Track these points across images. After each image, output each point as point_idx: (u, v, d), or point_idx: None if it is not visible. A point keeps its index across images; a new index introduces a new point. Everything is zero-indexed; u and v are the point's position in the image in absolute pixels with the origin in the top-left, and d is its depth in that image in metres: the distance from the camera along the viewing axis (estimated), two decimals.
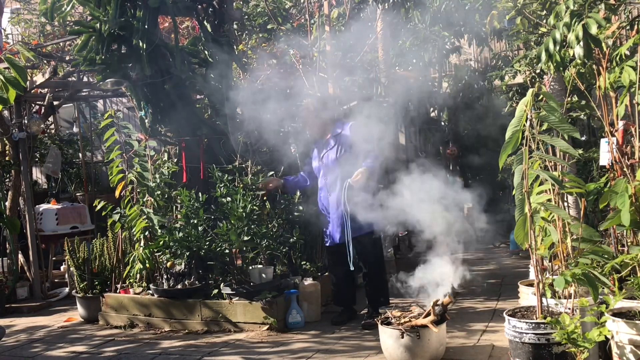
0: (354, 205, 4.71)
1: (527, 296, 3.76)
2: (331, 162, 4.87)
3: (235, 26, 6.89)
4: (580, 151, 5.42)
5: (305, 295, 5.01)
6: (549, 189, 3.34)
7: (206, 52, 5.92)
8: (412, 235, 8.14)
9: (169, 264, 5.20)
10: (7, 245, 6.64)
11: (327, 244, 4.97)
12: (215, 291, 5.00)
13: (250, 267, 4.99)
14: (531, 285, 3.75)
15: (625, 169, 3.40)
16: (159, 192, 5.35)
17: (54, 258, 7.25)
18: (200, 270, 5.18)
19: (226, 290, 4.92)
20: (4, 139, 6.73)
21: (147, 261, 5.21)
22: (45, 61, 7.02)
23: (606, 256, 3.23)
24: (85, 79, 7.83)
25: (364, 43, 6.79)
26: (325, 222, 4.95)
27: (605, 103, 3.60)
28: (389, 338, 3.75)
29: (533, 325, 3.10)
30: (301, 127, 5.35)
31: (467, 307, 5.17)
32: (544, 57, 3.55)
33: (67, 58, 7.16)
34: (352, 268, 4.75)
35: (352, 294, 5.06)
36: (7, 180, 7.13)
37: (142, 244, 5.32)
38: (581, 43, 3.31)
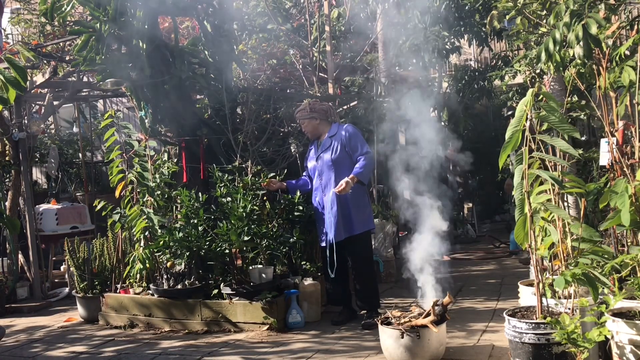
0: (345, 208, 4.73)
1: (527, 296, 3.76)
2: (326, 163, 4.89)
3: (235, 26, 6.89)
4: (580, 151, 5.41)
5: (305, 295, 5.01)
6: (549, 189, 3.34)
7: (206, 52, 5.92)
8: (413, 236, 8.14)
9: (169, 264, 5.20)
10: (7, 245, 6.63)
11: (322, 244, 4.97)
12: (215, 291, 5.00)
13: (250, 267, 4.99)
14: (531, 285, 3.75)
15: (625, 169, 3.40)
16: (159, 192, 5.35)
17: (54, 258, 7.24)
18: (200, 270, 5.18)
19: (226, 290, 4.92)
20: (4, 139, 6.73)
21: (147, 261, 5.21)
22: (45, 61, 7.02)
23: (606, 256, 3.22)
24: (85, 79, 7.84)
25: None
26: (321, 221, 4.96)
27: (605, 103, 3.60)
28: (389, 338, 3.75)
29: (533, 325, 3.10)
30: (300, 128, 5.35)
31: (467, 307, 5.17)
32: (544, 57, 3.55)
33: (67, 58, 7.16)
34: (332, 275, 4.77)
35: (347, 294, 5.05)
36: (7, 180, 7.13)
37: (142, 244, 5.32)
38: (581, 43, 3.31)
